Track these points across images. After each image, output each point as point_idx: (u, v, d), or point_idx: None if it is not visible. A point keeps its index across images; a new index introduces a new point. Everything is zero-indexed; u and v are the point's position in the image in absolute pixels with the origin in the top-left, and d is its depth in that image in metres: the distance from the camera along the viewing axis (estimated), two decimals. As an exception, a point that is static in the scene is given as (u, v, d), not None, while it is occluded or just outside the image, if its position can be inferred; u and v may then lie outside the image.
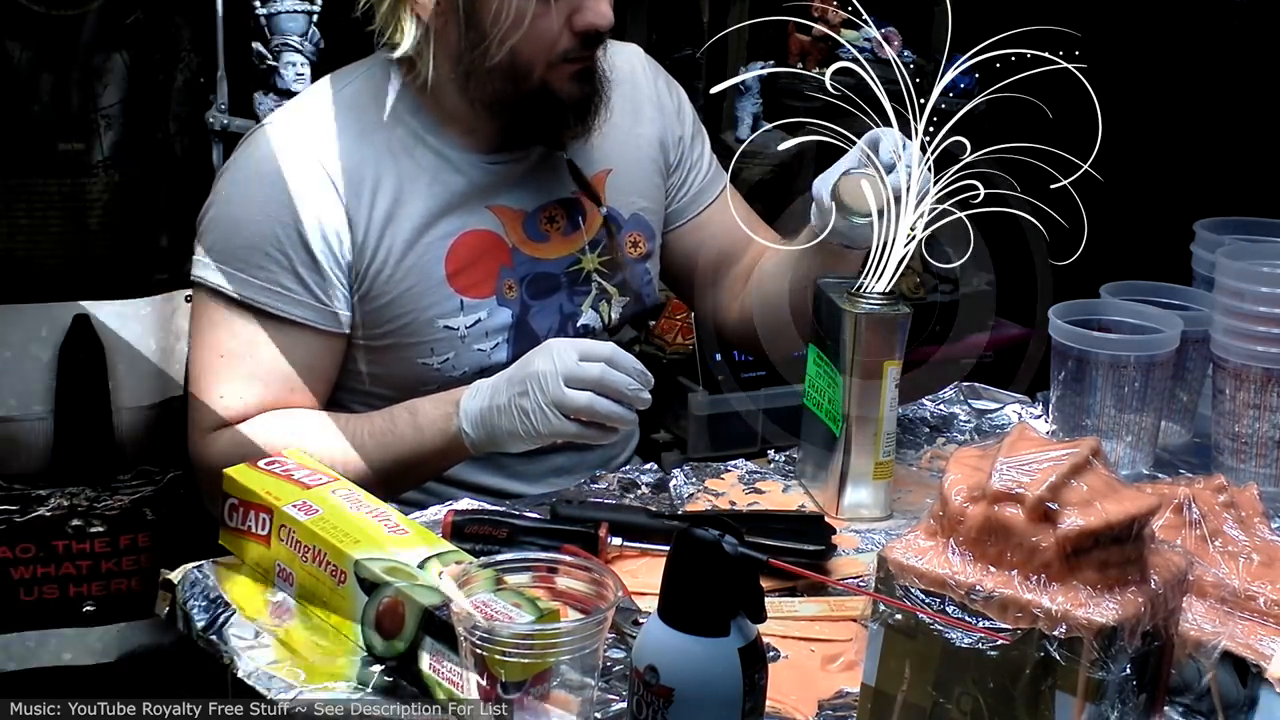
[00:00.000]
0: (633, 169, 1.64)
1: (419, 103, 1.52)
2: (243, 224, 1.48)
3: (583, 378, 1.36)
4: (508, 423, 1.39)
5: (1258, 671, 1.04)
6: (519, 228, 1.55)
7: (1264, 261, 1.49)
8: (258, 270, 1.47)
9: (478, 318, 1.52)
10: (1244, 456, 1.48)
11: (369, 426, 1.47)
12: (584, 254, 1.60)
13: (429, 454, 1.45)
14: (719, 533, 0.91)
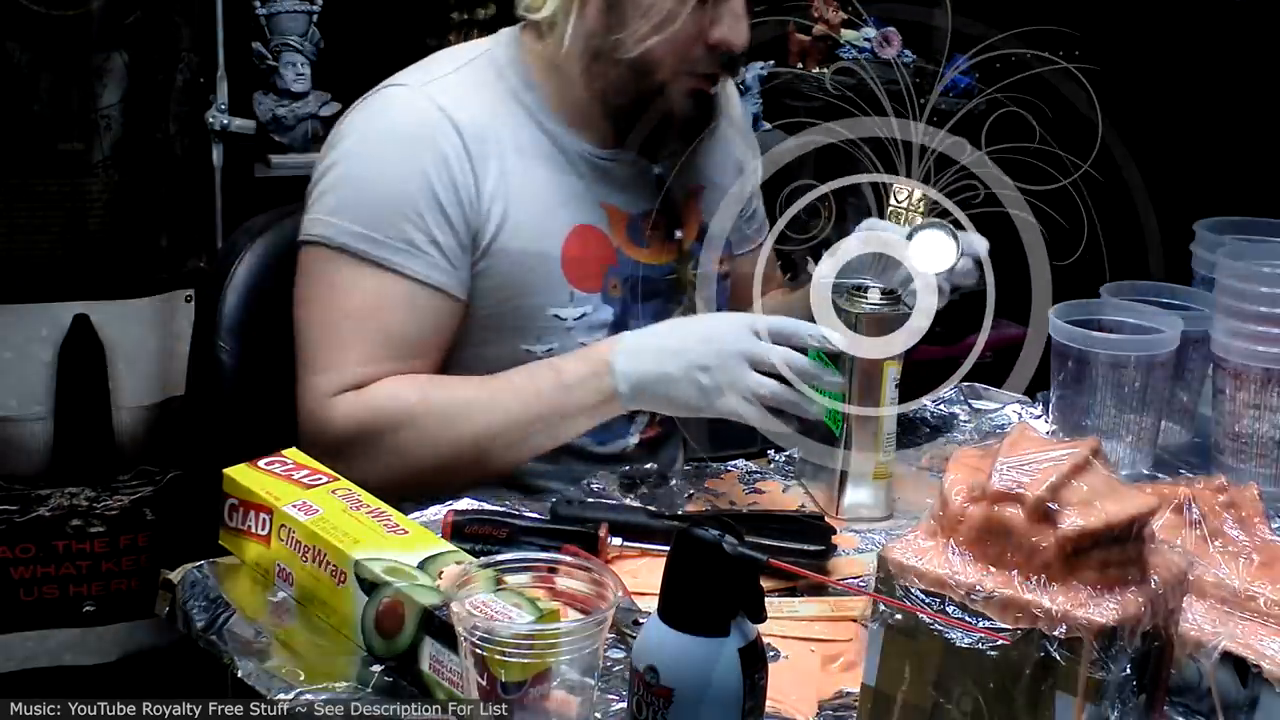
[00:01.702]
0: (724, 190, 1.67)
1: (539, 83, 1.51)
2: (376, 182, 1.45)
3: (770, 360, 1.35)
4: (680, 394, 1.37)
5: (1258, 671, 1.04)
6: (623, 229, 1.55)
7: (1264, 261, 1.49)
8: (391, 229, 1.43)
9: (584, 311, 1.51)
10: (1244, 456, 1.48)
11: (507, 385, 1.42)
12: (680, 265, 1.60)
13: (576, 411, 1.42)
14: (719, 533, 0.91)
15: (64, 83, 2.15)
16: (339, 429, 1.41)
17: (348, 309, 1.44)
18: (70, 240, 2.20)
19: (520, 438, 1.42)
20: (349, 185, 1.45)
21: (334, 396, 1.43)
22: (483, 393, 1.42)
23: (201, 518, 1.31)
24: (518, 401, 1.41)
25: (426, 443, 1.41)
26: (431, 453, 1.41)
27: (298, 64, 2.72)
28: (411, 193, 1.44)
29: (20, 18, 2.10)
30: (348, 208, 1.44)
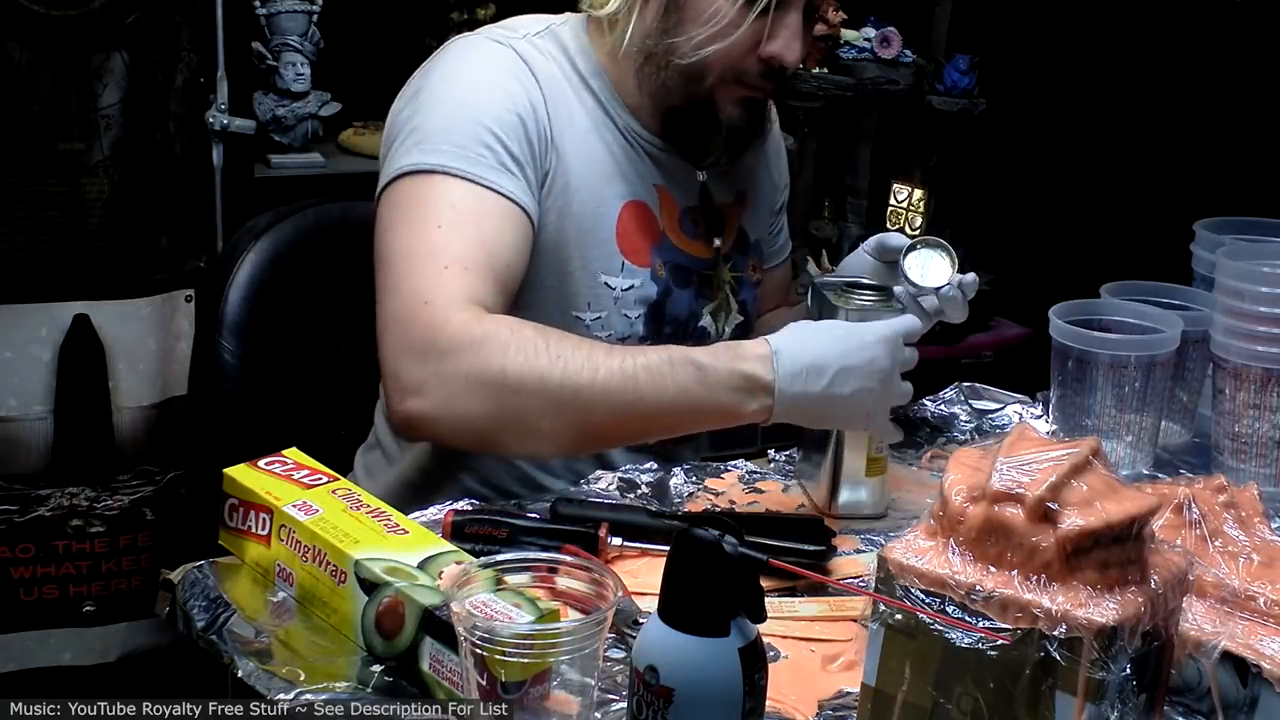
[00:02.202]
0: (763, 201, 1.69)
1: (602, 67, 1.52)
2: (464, 106, 1.43)
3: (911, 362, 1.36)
4: (841, 412, 1.35)
5: (1258, 671, 1.04)
6: (674, 216, 1.56)
7: (1264, 261, 1.49)
8: (481, 148, 1.41)
9: (633, 283, 1.51)
10: (1244, 456, 1.48)
11: (642, 360, 1.34)
12: (720, 263, 1.61)
13: (714, 414, 1.37)
14: (719, 533, 0.91)
15: (64, 83, 2.15)
16: (452, 334, 1.32)
17: (443, 220, 1.38)
18: (70, 240, 2.20)
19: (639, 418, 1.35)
20: (437, 114, 1.44)
21: (441, 306, 1.34)
22: (614, 355, 1.34)
23: (201, 518, 1.31)
24: (651, 384, 1.33)
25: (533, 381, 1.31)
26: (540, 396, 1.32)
27: (298, 64, 2.72)
28: (499, 114, 1.43)
29: (20, 18, 2.10)
30: (436, 133, 1.42)
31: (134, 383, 2.27)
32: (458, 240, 1.38)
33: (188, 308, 2.29)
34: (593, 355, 1.33)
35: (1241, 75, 3.09)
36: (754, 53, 1.45)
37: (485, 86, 1.45)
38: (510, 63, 1.47)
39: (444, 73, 1.48)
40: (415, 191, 1.41)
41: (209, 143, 2.37)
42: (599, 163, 1.50)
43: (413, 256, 1.37)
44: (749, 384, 1.34)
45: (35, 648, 2.30)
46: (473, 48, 1.50)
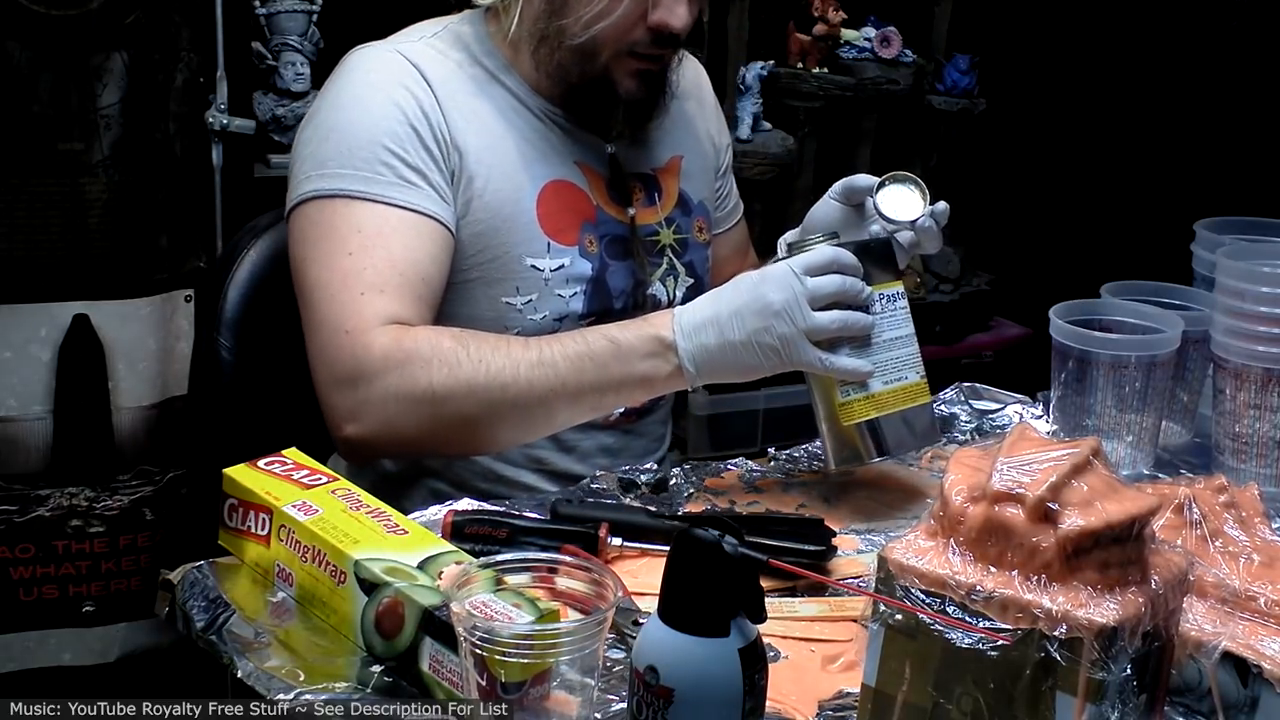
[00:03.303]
0: (700, 161, 1.70)
1: (501, 54, 1.54)
2: (356, 126, 1.46)
3: (824, 295, 1.35)
4: (750, 359, 1.36)
5: (1258, 672, 1.04)
6: (603, 188, 1.57)
7: (1264, 261, 1.49)
8: (379, 166, 1.44)
9: (561, 263, 1.52)
10: (1244, 456, 1.48)
11: (558, 348, 1.39)
12: (662, 227, 1.62)
13: (635, 385, 1.40)
14: (719, 533, 0.91)
15: (64, 83, 2.15)
16: (376, 359, 1.37)
17: (351, 246, 1.42)
18: (70, 240, 2.20)
19: (570, 402, 1.39)
20: (330, 137, 1.46)
21: (361, 333, 1.39)
22: (530, 348, 1.39)
23: (201, 518, 1.31)
24: (570, 366, 1.38)
25: (460, 390, 1.37)
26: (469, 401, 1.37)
27: (298, 64, 2.72)
28: (392, 129, 1.45)
29: (20, 18, 2.10)
30: (332, 157, 1.45)
31: (134, 383, 2.27)
32: (369, 264, 1.41)
33: (187, 308, 2.29)
34: (511, 352, 1.38)
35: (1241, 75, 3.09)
36: (642, 22, 1.46)
37: (375, 102, 1.47)
38: (399, 70, 1.48)
39: (336, 92, 1.50)
40: (321, 219, 1.44)
41: (209, 143, 2.37)
42: (510, 150, 1.51)
43: (328, 286, 1.42)
44: (659, 347, 1.38)
45: (35, 648, 2.30)
46: (363, 60, 1.51)
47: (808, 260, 1.36)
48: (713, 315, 1.37)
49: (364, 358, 1.38)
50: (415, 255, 1.44)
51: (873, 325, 1.37)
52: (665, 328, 1.38)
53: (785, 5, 3.27)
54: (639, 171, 1.62)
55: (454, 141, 1.48)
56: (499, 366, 1.37)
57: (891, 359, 1.40)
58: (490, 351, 1.38)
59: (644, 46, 1.48)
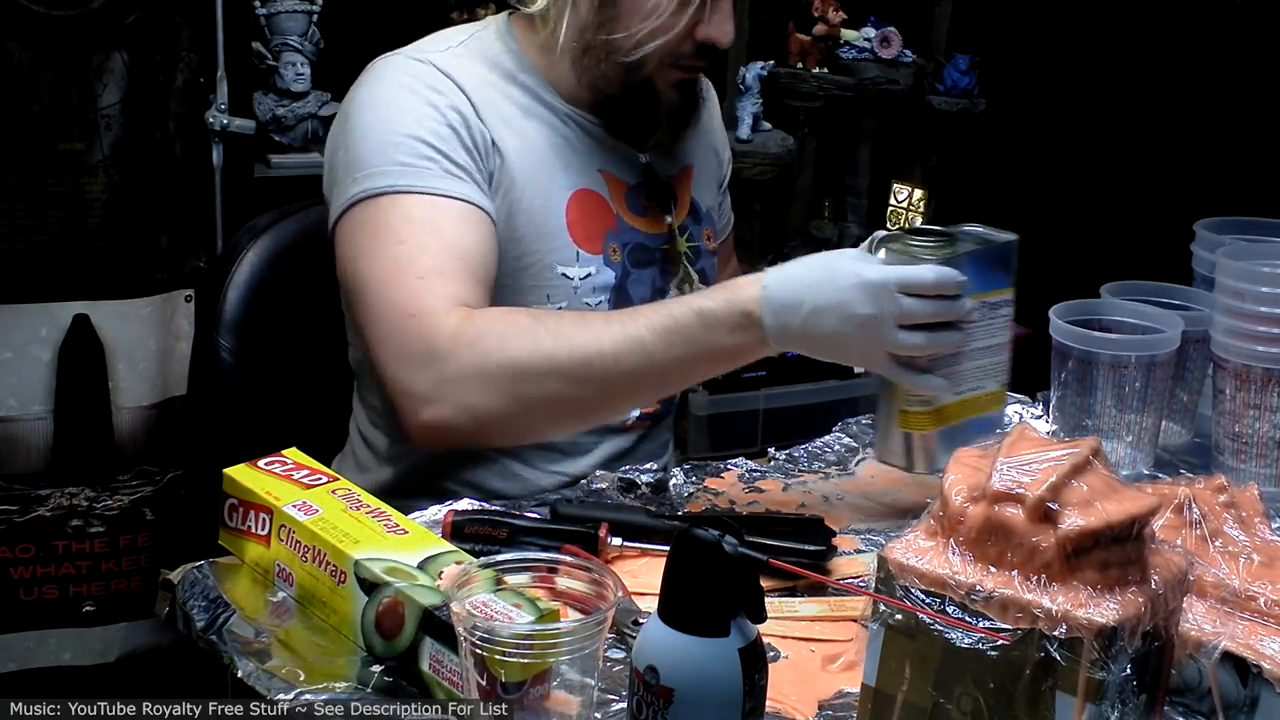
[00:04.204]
0: (709, 171, 1.71)
1: (533, 62, 1.53)
2: (397, 126, 1.44)
3: (918, 317, 1.29)
4: (827, 352, 1.33)
5: (1258, 671, 1.04)
6: (622, 197, 1.57)
7: (1264, 261, 1.49)
8: (424, 161, 1.42)
9: (589, 271, 1.52)
10: (1244, 456, 1.48)
11: (643, 321, 1.34)
12: (675, 236, 1.62)
13: (724, 356, 1.36)
14: (719, 533, 0.91)
15: (64, 83, 2.15)
16: (448, 337, 1.33)
17: (403, 236, 1.39)
18: (70, 240, 2.20)
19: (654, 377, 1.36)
20: (367, 138, 1.44)
21: (428, 314, 1.35)
22: (614, 323, 1.35)
23: (201, 518, 1.31)
24: (659, 340, 1.33)
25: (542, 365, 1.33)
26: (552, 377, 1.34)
27: (298, 64, 2.72)
28: (433, 128, 1.44)
29: (20, 18, 2.10)
30: (372, 159, 1.43)
31: (134, 383, 2.27)
32: (424, 251, 1.39)
33: (188, 308, 2.29)
34: (593, 327, 1.35)
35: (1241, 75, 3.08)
36: (690, 36, 1.46)
37: (412, 104, 1.45)
38: (431, 77, 1.47)
39: (367, 100, 1.48)
40: (368, 218, 1.42)
41: (209, 143, 2.37)
42: (541, 157, 1.51)
43: (384, 277, 1.39)
44: (745, 320, 1.33)
45: (35, 648, 2.30)
46: (391, 69, 1.49)
47: (911, 277, 1.29)
48: (799, 300, 1.31)
49: (436, 338, 1.34)
50: (468, 241, 1.42)
51: (963, 343, 1.32)
52: (753, 301, 1.32)
53: (785, 5, 3.27)
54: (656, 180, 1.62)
55: (494, 144, 1.47)
56: (582, 341, 1.33)
57: (974, 368, 1.35)
58: (571, 327, 1.35)
59: (688, 58, 1.48)
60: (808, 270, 1.34)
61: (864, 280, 1.29)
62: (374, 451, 1.58)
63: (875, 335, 1.29)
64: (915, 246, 1.31)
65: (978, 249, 1.33)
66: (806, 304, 1.31)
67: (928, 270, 1.29)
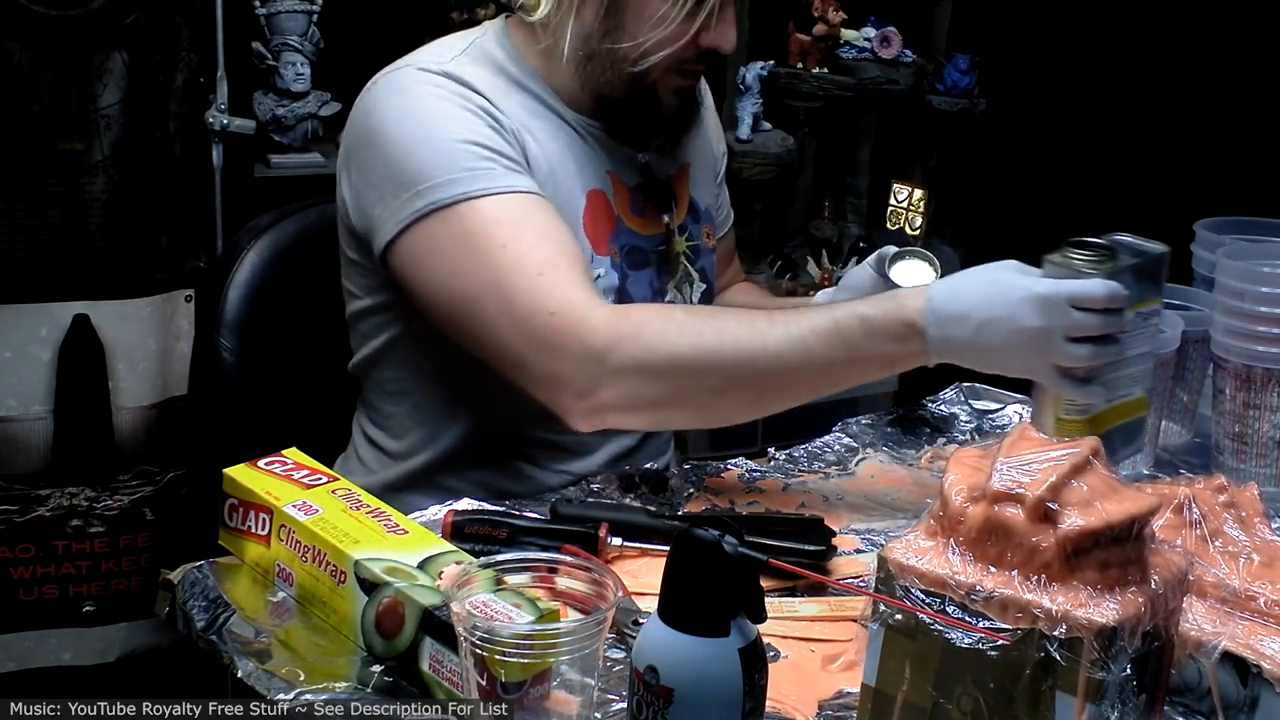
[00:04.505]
0: (706, 170, 1.71)
1: (533, 68, 1.53)
2: (444, 134, 1.42)
3: (1085, 330, 1.30)
4: (992, 364, 1.35)
5: (1258, 671, 1.04)
6: (626, 199, 1.57)
7: (1264, 261, 1.49)
8: (485, 162, 1.41)
9: (599, 273, 1.52)
10: (1244, 456, 1.48)
11: (806, 323, 1.36)
12: (673, 236, 1.62)
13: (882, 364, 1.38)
14: (719, 533, 0.91)
15: (64, 83, 2.15)
16: (604, 330, 1.34)
17: (501, 239, 1.38)
18: (70, 240, 2.20)
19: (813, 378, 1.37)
20: (419, 151, 1.42)
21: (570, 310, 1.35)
22: (776, 324, 1.36)
23: (201, 518, 1.31)
24: (821, 343, 1.35)
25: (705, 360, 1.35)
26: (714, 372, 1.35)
27: (298, 64, 2.72)
28: (479, 130, 1.43)
29: (20, 18, 2.10)
30: (432, 169, 1.40)
31: (134, 383, 2.27)
32: (532, 248, 1.38)
33: (188, 308, 2.29)
34: (756, 325, 1.36)
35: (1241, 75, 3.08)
36: (694, 43, 1.46)
37: (449, 113, 1.44)
38: (451, 86, 1.46)
39: (401, 113, 1.45)
40: (448, 229, 1.40)
41: (209, 143, 2.37)
42: (558, 159, 1.51)
43: (499, 283, 1.37)
44: (908, 331, 1.34)
45: (35, 648, 2.30)
46: (412, 80, 1.47)
47: (1083, 292, 1.29)
48: (967, 313, 1.32)
49: (589, 332, 1.34)
50: (558, 230, 1.42)
51: (1122, 354, 1.33)
52: (918, 313, 1.34)
53: (785, 5, 3.28)
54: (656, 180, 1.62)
55: (524, 146, 1.47)
56: (746, 338, 1.34)
57: (1125, 376, 1.36)
58: (735, 323, 1.37)
59: (690, 64, 1.49)
60: (974, 283, 1.35)
61: (1034, 294, 1.30)
62: (381, 451, 1.58)
63: (1044, 348, 1.31)
64: (1078, 260, 1.32)
65: (1136, 262, 1.35)
66: (975, 317, 1.32)
67: (1099, 285, 1.30)
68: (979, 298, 1.33)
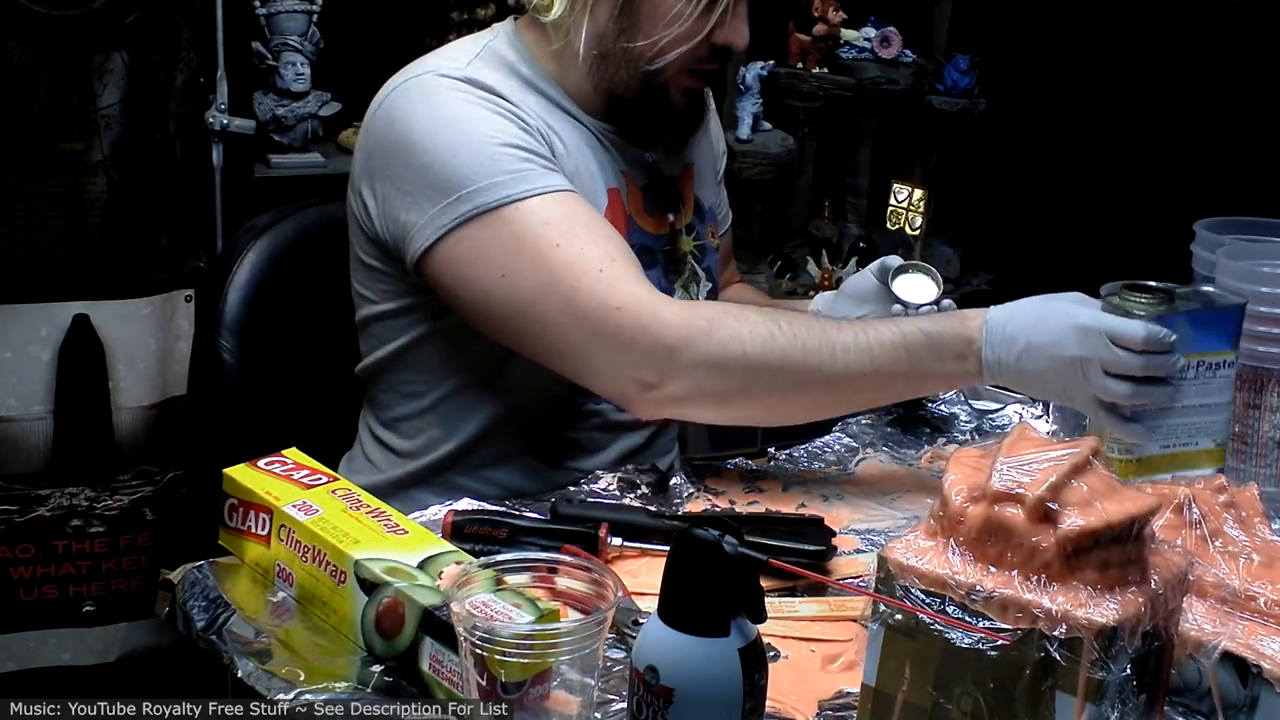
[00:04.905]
0: (708, 169, 1.72)
1: (546, 70, 1.52)
2: (480, 138, 1.41)
3: (1125, 368, 1.33)
4: (1036, 388, 1.40)
5: (1258, 671, 1.04)
6: (638, 199, 1.57)
7: (1264, 261, 1.49)
8: (523, 164, 1.41)
9: None
10: (1244, 456, 1.48)
11: (874, 334, 1.39)
12: (680, 236, 1.63)
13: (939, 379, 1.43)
14: (719, 533, 0.91)
15: (64, 83, 2.15)
16: (675, 326, 1.36)
17: (553, 238, 1.38)
18: (70, 240, 2.20)
19: (875, 388, 1.41)
20: (458, 155, 1.41)
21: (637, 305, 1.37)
22: (844, 334, 1.39)
23: (201, 518, 1.31)
24: (887, 356, 1.38)
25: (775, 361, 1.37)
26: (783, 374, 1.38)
27: (298, 64, 2.72)
28: (513, 132, 1.43)
29: (20, 18, 2.10)
30: (472, 173, 1.40)
31: (134, 383, 2.27)
32: (586, 245, 1.39)
33: (188, 308, 2.29)
34: (826, 332, 1.39)
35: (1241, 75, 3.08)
36: (707, 41, 1.47)
37: (480, 117, 1.43)
38: (473, 90, 1.45)
39: (431, 120, 1.43)
40: (495, 233, 1.39)
41: (209, 143, 2.37)
42: (581, 160, 1.51)
43: (559, 282, 1.38)
44: (967, 348, 1.38)
45: (35, 648, 2.30)
46: (435, 86, 1.46)
47: (1121, 330, 1.32)
48: (1015, 337, 1.37)
49: (660, 327, 1.36)
50: (604, 227, 1.43)
51: (1172, 399, 1.35)
52: (976, 331, 1.38)
53: (785, 5, 3.27)
54: (665, 179, 1.62)
55: (551, 146, 1.47)
56: (815, 344, 1.37)
57: (1185, 425, 1.37)
58: (805, 329, 1.39)
59: (703, 63, 1.49)
60: (1029, 308, 1.39)
61: (1077, 323, 1.34)
62: (391, 451, 1.58)
63: (1083, 377, 1.34)
64: (1131, 301, 1.35)
65: (1197, 309, 1.37)
66: (1021, 340, 1.36)
67: (1138, 327, 1.32)
68: (1028, 322, 1.37)
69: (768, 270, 3.28)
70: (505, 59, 1.52)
